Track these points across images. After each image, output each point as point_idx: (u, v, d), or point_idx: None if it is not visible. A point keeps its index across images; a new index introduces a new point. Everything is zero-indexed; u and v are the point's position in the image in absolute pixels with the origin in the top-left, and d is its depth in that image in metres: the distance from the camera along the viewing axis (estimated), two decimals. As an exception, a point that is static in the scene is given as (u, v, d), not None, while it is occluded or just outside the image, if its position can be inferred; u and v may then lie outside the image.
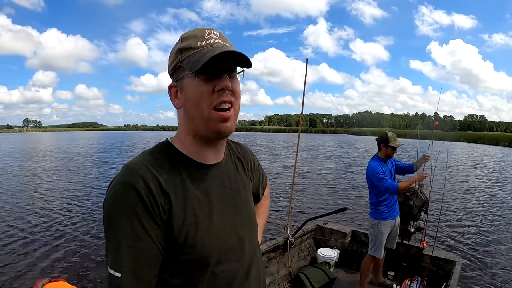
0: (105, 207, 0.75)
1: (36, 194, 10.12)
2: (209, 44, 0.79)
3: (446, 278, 3.16)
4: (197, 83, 0.78)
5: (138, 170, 0.75)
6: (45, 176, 13.83)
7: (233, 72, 0.82)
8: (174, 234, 0.75)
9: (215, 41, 0.80)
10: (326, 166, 17.43)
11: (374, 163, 3.26)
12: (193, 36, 0.81)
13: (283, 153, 25.19)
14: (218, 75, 0.78)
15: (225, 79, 0.78)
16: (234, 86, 0.81)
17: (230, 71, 0.81)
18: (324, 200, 9.23)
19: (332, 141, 50.26)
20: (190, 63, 0.78)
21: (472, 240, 6.08)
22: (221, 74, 0.78)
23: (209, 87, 0.78)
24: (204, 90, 0.78)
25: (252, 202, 1.01)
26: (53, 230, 6.46)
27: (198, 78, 0.78)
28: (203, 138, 0.84)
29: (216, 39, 0.81)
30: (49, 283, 1.37)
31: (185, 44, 0.80)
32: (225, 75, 0.78)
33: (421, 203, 3.66)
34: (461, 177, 13.90)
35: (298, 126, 4.19)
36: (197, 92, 0.78)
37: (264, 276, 1.01)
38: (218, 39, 0.81)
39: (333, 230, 4.20)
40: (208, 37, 0.80)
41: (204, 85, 0.78)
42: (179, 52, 0.81)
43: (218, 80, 0.78)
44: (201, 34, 0.80)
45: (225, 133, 0.83)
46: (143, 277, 0.72)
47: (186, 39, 0.81)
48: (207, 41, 0.80)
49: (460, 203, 9.08)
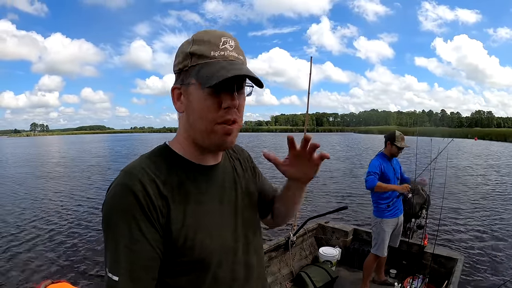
0: (104, 210, 0.75)
1: (40, 197, 10.26)
2: (222, 56, 0.76)
3: (448, 276, 3.15)
4: (203, 96, 0.75)
5: (136, 174, 0.75)
6: (50, 179, 14.01)
7: (242, 88, 0.79)
8: (173, 236, 0.75)
9: (230, 53, 0.77)
10: (330, 164, 17.36)
11: (375, 161, 3.27)
12: (207, 42, 0.76)
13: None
14: (226, 90, 0.75)
15: (233, 97, 0.76)
16: (240, 102, 0.78)
17: (240, 88, 0.78)
18: (326, 199, 9.21)
19: (338, 140, 50.10)
20: (200, 76, 0.75)
21: (474, 238, 6.04)
22: (231, 91, 0.75)
23: (216, 101, 0.75)
24: (210, 105, 0.75)
25: (255, 201, 0.99)
26: (56, 232, 6.55)
27: (205, 91, 0.75)
28: (203, 147, 0.82)
29: (231, 51, 0.77)
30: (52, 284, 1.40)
31: (196, 49, 0.76)
32: (234, 92, 0.76)
33: (423, 201, 3.66)
34: (464, 174, 13.80)
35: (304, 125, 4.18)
36: (202, 105, 0.76)
37: (266, 276, 1.00)
38: (233, 51, 0.77)
39: (334, 229, 4.20)
40: (223, 47, 0.76)
41: (210, 99, 0.75)
42: (189, 56, 0.77)
43: (225, 96, 0.75)
44: (216, 42, 0.76)
45: (226, 146, 0.82)
46: (141, 280, 0.72)
47: (198, 43, 0.77)
48: (221, 52, 0.76)
49: (462, 200, 9.02)
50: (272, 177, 11.50)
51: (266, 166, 8.16)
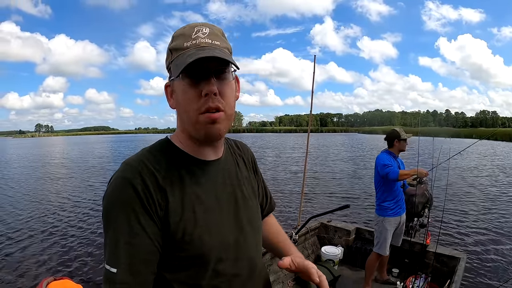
0: (104, 203, 0.75)
1: (43, 195, 10.36)
2: (194, 45, 0.76)
3: (450, 275, 3.13)
4: (184, 87, 0.76)
5: (136, 166, 0.75)
6: (52, 179, 14.12)
7: (223, 73, 0.78)
8: (171, 230, 0.75)
9: (202, 40, 0.76)
10: (333, 165, 17.36)
11: (382, 155, 3.32)
12: (182, 35, 0.78)
13: (293, 155, 25.11)
14: (204, 78, 0.75)
15: (210, 83, 0.75)
16: (223, 88, 0.77)
17: (220, 73, 0.77)
18: (329, 199, 9.19)
19: (342, 140, 50.00)
20: (174, 67, 0.77)
21: (477, 236, 6.01)
22: (208, 77, 0.75)
23: (196, 91, 0.75)
24: (191, 95, 0.76)
25: (256, 198, 0.99)
26: (59, 230, 6.63)
27: (184, 82, 0.76)
28: (196, 139, 0.82)
29: (203, 38, 0.77)
30: (54, 281, 1.41)
31: (174, 44, 0.78)
32: (212, 78, 0.75)
33: (425, 200, 3.65)
34: (467, 173, 13.73)
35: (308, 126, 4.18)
36: (184, 96, 0.77)
37: (268, 274, 1.00)
38: (206, 38, 0.77)
39: (337, 228, 4.20)
40: (195, 36, 0.77)
41: (190, 90, 0.76)
42: (170, 52, 0.80)
43: (205, 84, 0.75)
44: (189, 33, 0.77)
45: (214, 135, 0.80)
46: (139, 273, 0.72)
47: (176, 38, 0.79)
48: (193, 41, 0.76)
49: (464, 199, 9.00)
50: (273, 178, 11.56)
51: (267, 166, 8.17)
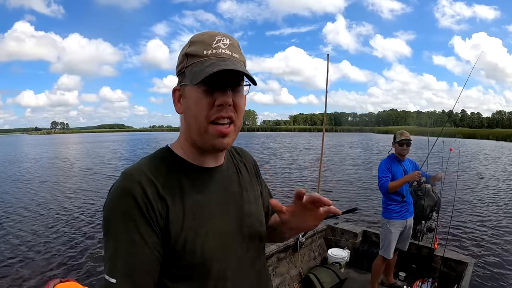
0: (104, 213, 0.75)
1: (50, 196, 10.43)
2: (215, 54, 0.76)
3: (458, 280, 3.09)
4: (198, 95, 0.76)
5: (135, 176, 0.75)
6: (62, 178, 14.35)
7: (239, 86, 0.78)
8: (172, 239, 0.74)
9: (222, 51, 0.76)
10: (344, 166, 17.22)
11: (382, 163, 3.27)
12: (201, 42, 0.77)
13: (305, 155, 24.96)
14: (220, 88, 0.75)
15: (226, 95, 0.75)
16: (237, 101, 0.78)
17: (235, 85, 0.78)
18: (337, 201, 9.03)
19: (356, 140, 49.39)
20: (191, 73, 0.76)
21: (485, 241, 5.89)
22: (224, 88, 0.75)
23: (210, 100, 0.75)
24: (204, 103, 0.75)
25: (260, 202, 0.98)
26: (65, 232, 6.63)
27: (199, 90, 0.75)
28: (200, 148, 0.82)
29: (223, 48, 0.77)
30: (60, 283, 1.44)
31: (192, 50, 0.77)
32: (228, 90, 0.76)
33: (433, 203, 3.60)
34: (477, 177, 13.44)
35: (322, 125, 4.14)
36: (196, 103, 0.76)
37: (271, 281, 0.99)
38: (226, 49, 0.77)
39: (344, 230, 4.18)
40: (216, 46, 0.76)
41: (204, 98, 0.75)
42: (185, 57, 0.79)
43: (219, 94, 0.75)
44: (210, 41, 0.77)
45: (221, 148, 0.81)
46: (139, 283, 0.71)
47: (194, 44, 0.78)
48: (214, 50, 0.76)
49: (474, 203, 8.80)
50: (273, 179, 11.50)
51: (270, 170, 8.14)
